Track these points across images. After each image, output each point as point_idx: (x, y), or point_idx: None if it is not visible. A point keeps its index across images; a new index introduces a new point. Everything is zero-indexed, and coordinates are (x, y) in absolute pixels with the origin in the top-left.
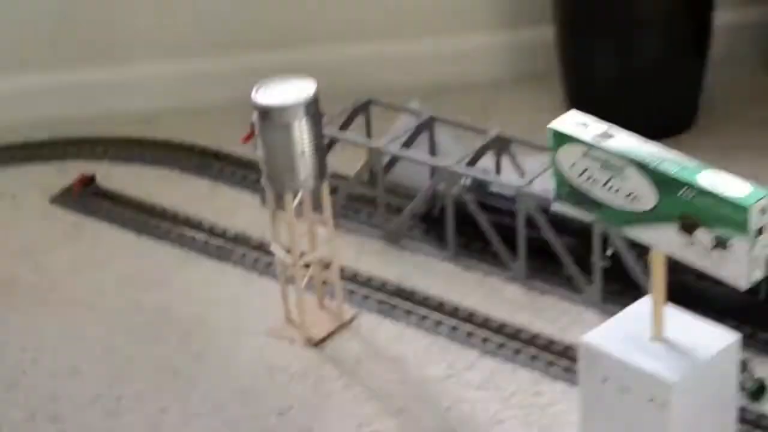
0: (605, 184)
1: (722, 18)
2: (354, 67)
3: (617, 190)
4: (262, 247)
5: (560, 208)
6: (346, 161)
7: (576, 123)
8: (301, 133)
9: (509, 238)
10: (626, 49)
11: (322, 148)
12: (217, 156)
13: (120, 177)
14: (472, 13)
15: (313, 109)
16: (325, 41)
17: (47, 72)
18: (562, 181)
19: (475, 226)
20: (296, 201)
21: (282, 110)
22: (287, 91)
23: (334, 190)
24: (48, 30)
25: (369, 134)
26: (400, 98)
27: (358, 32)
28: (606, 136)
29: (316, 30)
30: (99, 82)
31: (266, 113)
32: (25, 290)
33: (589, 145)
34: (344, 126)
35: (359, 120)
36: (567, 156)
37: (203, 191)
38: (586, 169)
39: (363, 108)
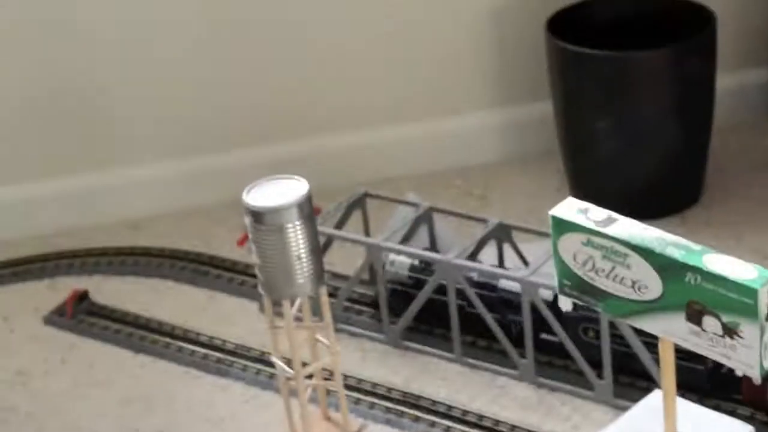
0: (609, 273)
1: (725, 82)
2: (347, 157)
3: (621, 279)
4: (262, 359)
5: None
6: (345, 259)
7: (576, 210)
8: (296, 236)
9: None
10: (626, 125)
11: (319, 249)
12: (213, 262)
13: (113, 291)
14: (465, 95)
15: (307, 209)
16: (313, 133)
17: (29, 184)
18: (564, 270)
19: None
20: (295, 308)
21: (274, 212)
22: (279, 191)
23: (333, 293)
24: (27, 141)
25: (367, 229)
26: (396, 186)
27: (348, 121)
28: (607, 222)
29: (303, 123)
30: (83, 190)
31: (258, 216)
32: (23, 419)
33: (591, 233)
34: (340, 222)
35: (356, 215)
36: (568, 244)
37: (200, 301)
38: (588, 258)
39: (359, 202)
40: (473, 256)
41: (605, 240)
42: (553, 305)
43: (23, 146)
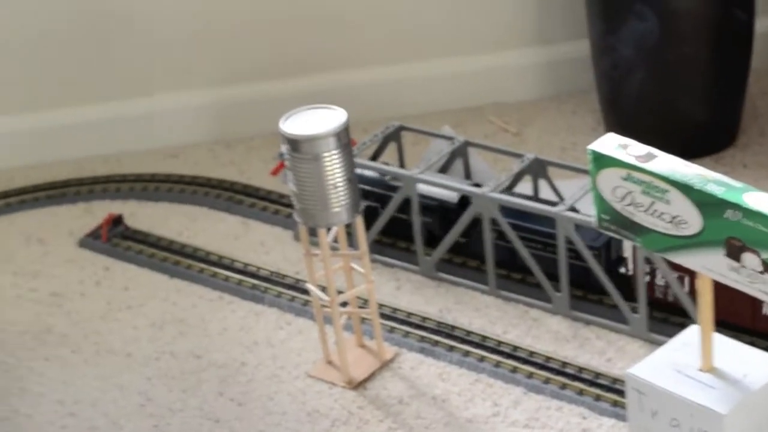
0: (648, 208)
1: (764, 25)
2: (383, 91)
3: (661, 215)
4: (297, 286)
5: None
6: None
7: (615, 145)
8: (333, 164)
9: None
10: (664, 63)
11: (355, 178)
12: (247, 191)
13: (148, 216)
14: (503, 32)
15: (345, 138)
16: (353, 66)
17: (69, 109)
18: (603, 205)
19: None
20: (330, 236)
21: (312, 141)
22: (316, 121)
23: (368, 223)
24: (68, 66)
25: (401, 162)
26: (432, 121)
27: (385, 55)
28: (647, 158)
29: (343, 55)
30: (122, 117)
31: (295, 144)
32: (59, 339)
33: (631, 168)
34: (375, 154)
35: (391, 147)
36: (608, 179)
37: (234, 228)
38: (628, 193)
39: (394, 135)
40: (508, 190)
41: (645, 175)
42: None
43: (61, 71)
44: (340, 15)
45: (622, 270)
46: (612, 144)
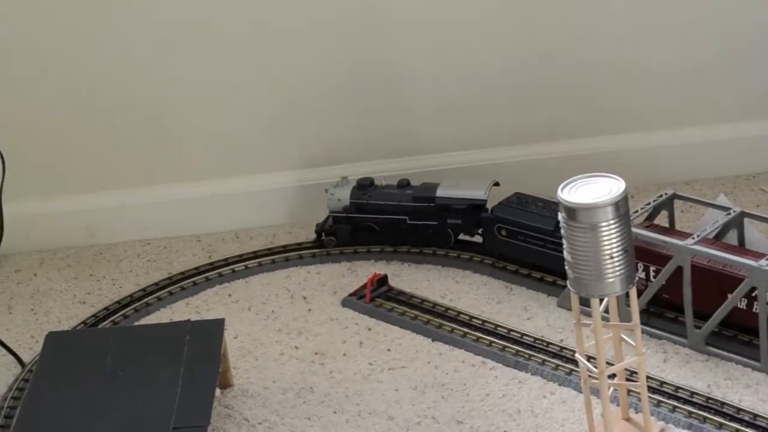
0: None
1: None
2: (651, 157)
3: None
4: (561, 354)
5: None
6: None
7: None
8: (610, 235)
9: None
10: None
11: (631, 248)
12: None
13: (412, 277)
14: None
15: (623, 208)
16: (622, 132)
17: (329, 168)
18: None
19: None
20: (602, 306)
21: (589, 210)
22: (594, 189)
23: (638, 293)
24: (332, 127)
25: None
26: (702, 188)
27: (656, 121)
28: None
29: (613, 120)
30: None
31: (572, 213)
32: (321, 399)
33: None
34: (647, 221)
35: (661, 215)
36: None
37: (498, 292)
38: None
39: (667, 203)
40: None
41: None
42: None
43: (325, 132)
44: (612, 80)
45: None
46: None
